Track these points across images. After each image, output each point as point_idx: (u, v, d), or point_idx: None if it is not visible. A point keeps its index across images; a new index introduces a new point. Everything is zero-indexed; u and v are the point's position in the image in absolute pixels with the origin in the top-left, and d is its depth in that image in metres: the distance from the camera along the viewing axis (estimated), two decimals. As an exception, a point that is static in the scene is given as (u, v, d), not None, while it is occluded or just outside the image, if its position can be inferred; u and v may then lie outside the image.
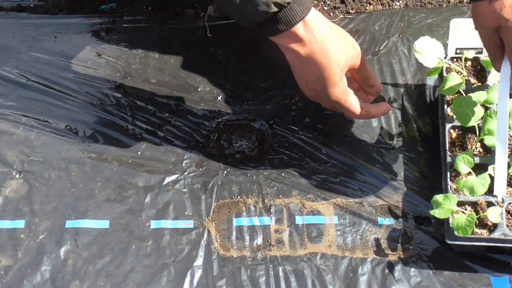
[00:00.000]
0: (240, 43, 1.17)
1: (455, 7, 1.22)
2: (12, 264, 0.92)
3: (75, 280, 0.91)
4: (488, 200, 0.91)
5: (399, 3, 1.24)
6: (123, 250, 0.94)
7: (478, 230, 0.89)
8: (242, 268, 0.92)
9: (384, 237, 0.95)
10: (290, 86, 1.11)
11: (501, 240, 0.88)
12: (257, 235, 0.95)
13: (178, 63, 1.15)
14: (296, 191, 0.99)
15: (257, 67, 1.14)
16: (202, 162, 1.03)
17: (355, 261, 0.92)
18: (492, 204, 0.90)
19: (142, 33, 1.19)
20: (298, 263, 0.92)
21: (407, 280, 0.90)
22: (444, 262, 0.92)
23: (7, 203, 0.98)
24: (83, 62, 1.14)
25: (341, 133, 1.05)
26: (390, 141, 1.04)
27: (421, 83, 1.10)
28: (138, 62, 1.14)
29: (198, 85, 1.12)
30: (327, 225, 0.96)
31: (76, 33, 1.19)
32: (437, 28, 1.17)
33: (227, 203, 0.98)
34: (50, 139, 1.04)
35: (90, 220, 0.96)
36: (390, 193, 0.99)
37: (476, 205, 0.91)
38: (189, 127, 1.06)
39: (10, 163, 1.01)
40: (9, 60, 1.14)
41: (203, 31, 1.19)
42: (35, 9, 1.27)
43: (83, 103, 1.09)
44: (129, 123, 1.07)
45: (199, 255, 0.93)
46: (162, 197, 0.99)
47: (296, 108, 1.08)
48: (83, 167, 1.01)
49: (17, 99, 1.09)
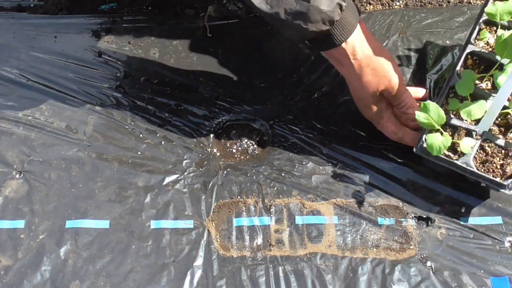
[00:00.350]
0: (240, 43, 1.17)
1: (455, 7, 1.22)
2: (12, 264, 0.92)
3: (75, 280, 0.91)
4: (469, 129, 0.92)
5: (399, 3, 1.25)
6: (123, 250, 0.94)
7: (448, 152, 0.92)
8: (242, 268, 0.92)
9: (384, 237, 0.95)
10: (290, 86, 1.11)
11: (461, 167, 0.90)
12: (257, 235, 0.95)
13: (178, 63, 1.15)
14: (296, 191, 0.99)
15: (257, 67, 1.14)
16: (202, 162, 1.03)
17: (355, 261, 0.92)
18: (471, 135, 0.92)
19: (142, 33, 1.19)
20: (298, 263, 0.92)
21: (407, 280, 0.90)
22: (444, 262, 0.92)
23: (7, 203, 0.98)
24: (83, 62, 1.14)
25: (341, 133, 1.05)
26: (389, 140, 1.03)
27: (421, 82, 1.10)
28: (138, 62, 1.14)
29: (198, 85, 1.12)
30: (327, 225, 0.96)
31: (76, 33, 1.19)
32: (437, 28, 1.17)
33: (227, 203, 0.98)
34: (50, 139, 1.04)
35: (90, 220, 0.96)
36: (390, 193, 0.99)
37: (456, 129, 0.93)
38: (189, 127, 1.06)
39: (10, 163, 1.01)
40: (9, 60, 1.14)
41: (203, 31, 1.19)
42: (35, 9, 1.28)
43: (83, 103, 1.09)
44: (129, 123, 1.07)
45: (199, 255, 0.93)
46: (162, 197, 0.99)
47: (296, 108, 1.08)
48: (83, 167, 1.01)
49: (17, 99, 1.09)
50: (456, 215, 0.96)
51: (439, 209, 0.97)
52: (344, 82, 1.11)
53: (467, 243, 0.93)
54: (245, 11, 1.24)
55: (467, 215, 0.96)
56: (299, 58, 1.15)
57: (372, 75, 0.94)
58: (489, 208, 0.97)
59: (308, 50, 1.15)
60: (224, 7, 1.23)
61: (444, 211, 0.97)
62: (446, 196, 0.98)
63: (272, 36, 1.18)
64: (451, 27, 1.17)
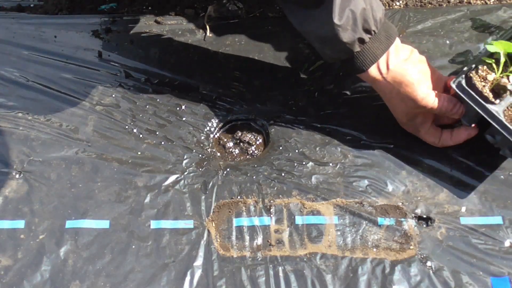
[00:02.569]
0: (240, 43, 1.17)
1: (455, 7, 1.22)
2: (12, 264, 0.92)
3: (75, 280, 0.91)
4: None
5: (399, 3, 1.25)
6: (123, 250, 0.94)
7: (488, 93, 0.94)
8: (242, 268, 0.92)
9: (384, 237, 0.95)
10: (290, 86, 1.11)
11: (491, 114, 0.93)
12: (257, 235, 0.95)
13: (178, 63, 1.15)
14: (296, 191, 0.99)
15: (257, 67, 1.14)
16: (202, 162, 1.03)
17: (355, 261, 0.92)
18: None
19: (142, 33, 1.19)
20: (298, 263, 0.92)
21: (407, 280, 0.90)
22: (444, 262, 0.92)
23: (7, 203, 0.98)
24: (83, 62, 1.14)
25: (341, 133, 1.05)
26: (390, 139, 1.03)
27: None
28: (138, 62, 1.15)
29: (198, 85, 1.12)
30: (327, 225, 0.96)
31: (76, 33, 1.19)
32: (437, 28, 1.17)
33: (227, 203, 0.98)
34: (50, 139, 1.04)
35: (90, 220, 0.96)
36: (390, 193, 0.99)
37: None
38: (189, 127, 1.06)
39: (10, 163, 1.01)
40: (9, 60, 1.14)
41: (203, 31, 1.19)
42: (35, 9, 1.28)
43: (83, 103, 1.09)
44: (129, 123, 1.07)
45: (199, 255, 0.93)
46: (162, 197, 0.99)
47: (296, 108, 1.08)
48: (83, 167, 1.01)
49: (17, 99, 1.09)
50: (456, 215, 0.96)
51: (439, 209, 0.97)
52: (344, 82, 1.11)
53: (467, 243, 0.93)
54: (245, 11, 1.24)
55: (467, 215, 0.96)
56: (299, 58, 1.15)
57: (398, 99, 0.96)
58: (489, 208, 0.96)
59: (308, 50, 1.15)
60: (224, 7, 1.23)
61: (444, 211, 0.96)
62: (446, 196, 0.98)
63: (272, 36, 1.18)
64: (451, 27, 1.17)
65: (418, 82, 0.94)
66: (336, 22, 0.88)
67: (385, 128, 1.05)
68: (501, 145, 0.96)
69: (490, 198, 0.97)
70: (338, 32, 0.88)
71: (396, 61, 0.94)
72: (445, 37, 1.16)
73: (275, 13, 1.24)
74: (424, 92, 0.94)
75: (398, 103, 0.97)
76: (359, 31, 0.89)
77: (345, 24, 0.88)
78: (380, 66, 0.94)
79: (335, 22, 0.88)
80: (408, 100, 0.95)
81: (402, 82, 0.94)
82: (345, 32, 0.89)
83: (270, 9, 1.24)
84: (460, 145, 1.00)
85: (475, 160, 1.00)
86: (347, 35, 0.89)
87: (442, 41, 1.15)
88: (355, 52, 0.92)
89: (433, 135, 1.01)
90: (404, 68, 0.94)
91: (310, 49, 1.15)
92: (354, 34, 0.89)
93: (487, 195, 0.98)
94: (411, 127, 1.01)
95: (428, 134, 1.01)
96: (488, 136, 0.97)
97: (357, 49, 0.91)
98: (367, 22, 0.89)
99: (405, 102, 0.96)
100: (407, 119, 0.99)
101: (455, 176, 0.99)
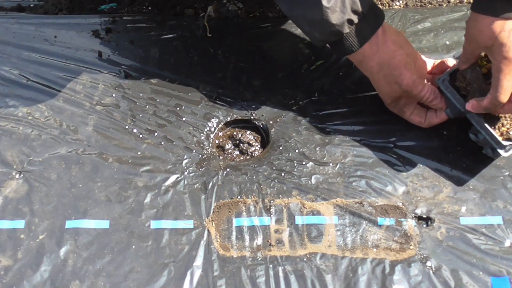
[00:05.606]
0: (240, 43, 1.17)
1: (455, 7, 1.22)
2: (12, 264, 0.92)
3: (75, 280, 0.91)
4: None
5: (399, 3, 1.25)
6: (123, 250, 0.94)
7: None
8: (242, 268, 0.92)
9: (384, 237, 0.95)
10: (290, 86, 1.11)
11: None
12: (257, 235, 0.95)
13: (178, 63, 1.15)
14: (296, 191, 0.99)
15: (257, 67, 1.14)
16: (202, 162, 1.03)
17: (355, 261, 0.92)
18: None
19: (142, 33, 1.19)
20: (298, 263, 0.92)
21: (407, 280, 0.90)
22: (444, 262, 0.92)
23: (7, 203, 0.98)
24: (83, 62, 1.14)
25: (341, 133, 1.05)
26: (390, 139, 1.03)
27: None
28: (138, 62, 1.15)
29: (198, 85, 1.12)
30: (327, 225, 0.96)
31: (76, 33, 1.19)
32: (437, 28, 1.17)
33: (227, 203, 0.98)
34: (50, 139, 1.04)
35: (90, 220, 0.96)
36: (390, 193, 0.99)
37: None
38: (189, 127, 1.06)
39: (10, 163, 1.01)
40: (9, 60, 1.14)
41: (203, 31, 1.19)
42: (35, 9, 1.28)
43: (83, 103, 1.09)
44: (129, 123, 1.07)
45: (199, 255, 0.93)
46: (162, 197, 0.99)
47: (296, 108, 1.08)
48: (83, 167, 1.01)
49: (17, 99, 1.09)
50: (456, 215, 0.96)
51: (439, 209, 0.97)
52: (344, 82, 1.11)
53: (467, 243, 0.93)
54: (245, 11, 1.24)
55: (467, 215, 0.96)
56: (299, 58, 1.15)
57: (384, 81, 0.98)
58: (489, 208, 0.97)
59: (308, 50, 1.15)
60: (224, 7, 1.23)
61: (444, 211, 0.97)
62: (446, 196, 0.98)
63: (272, 36, 1.18)
64: (451, 27, 1.17)
65: (406, 66, 0.96)
66: (325, 4, 0.88)
67: (385, 128, 1.05)
68: (483, 144, 0.98)
69: (490, 198, 0.97)
70: (327, 14, 0.89)
71: (384, 42, 0.95)
72: (445, 37, 1.16)
73: (275, 13, 1.24)
74: (409, 77, 0.96)
75: (384, 84, 0.99)
76: (348, 12, 0.90)
77: (334, 6, 0.89)
78: (368, 47, 0.95)
79: (324, 4, 0.88)
80: (393, 84, 0.97)
81: (390, 65, 0.95)
82: (333, 13, 0.89)
83: (270, 9, 1.24)
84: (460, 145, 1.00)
85: (475, 160, 1.01)
86: (335, 17, 0.89)
87: (442, 41, 1.15)
88: (344, 33, 0.92)
89: (418, 115, 1.03)
90: (392, 49, 0.95)
91: (310, 49, 1.15)
92: (343, 15, 0.90)
93: (487, 195, 0.98)
94: (396, 108, 1.03)
95: (413, 115, 1.03)
96: (471, 135, 0.98)
97: (346, 30, 0.92)
98: (355, 3, 0.90)
99: (390, 85, 0.98)
100: (391, 100, 1.01)
101: (455, 176, 0.99)
